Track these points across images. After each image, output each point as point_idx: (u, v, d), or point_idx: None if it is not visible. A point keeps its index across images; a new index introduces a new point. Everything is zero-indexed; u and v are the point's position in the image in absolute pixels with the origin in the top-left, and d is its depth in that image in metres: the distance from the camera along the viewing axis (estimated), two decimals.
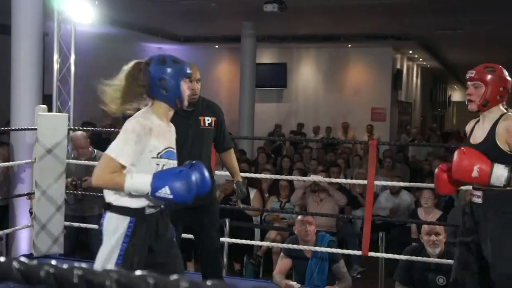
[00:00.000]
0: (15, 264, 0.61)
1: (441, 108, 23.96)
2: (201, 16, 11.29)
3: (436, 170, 3.14)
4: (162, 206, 2.61)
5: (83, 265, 0.64)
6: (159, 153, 2.50)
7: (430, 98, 21.75)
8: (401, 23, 11.66)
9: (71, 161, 4.98)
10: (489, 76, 2.89)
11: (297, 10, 9.63)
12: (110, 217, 2.51)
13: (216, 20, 11.81)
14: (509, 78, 2.94)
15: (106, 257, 2.50)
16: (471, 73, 2.93)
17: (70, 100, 6.20)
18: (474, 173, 2.72)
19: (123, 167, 2.43)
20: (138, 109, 2.60)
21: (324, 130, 13.39)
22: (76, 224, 4.98)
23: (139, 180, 2.40)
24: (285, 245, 4.56)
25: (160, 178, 2.38)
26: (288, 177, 6.11)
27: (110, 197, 2.52)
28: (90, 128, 6.33)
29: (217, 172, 4.60)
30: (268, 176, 6.46)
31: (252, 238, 5.95)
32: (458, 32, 11.82)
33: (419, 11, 10.17)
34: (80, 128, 5.57)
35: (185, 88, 2.54)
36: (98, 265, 2.48)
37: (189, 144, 3.26)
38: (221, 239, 4.41)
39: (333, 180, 5.68)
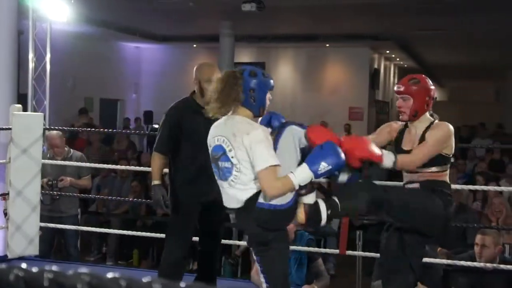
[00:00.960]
0: None
1: None
2: (179, 15, 11.25)
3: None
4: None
5: (55, 267, 0.63)
6: None
7: None
8: (378, 23, 11.74)
9: (46, 161, 4.92)
10: (414, 88, 3.05)
11: (275, 10, 9.64)
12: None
13: (194, 19, 11.77)
14: (432, 87, 3.12)
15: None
16: (398, 87, 3.09)
17: (46, 99, 6.12)
18: (376, 150, 2.87)
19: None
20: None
21: None
22: (52, 225, 4.93)
23: (300, 172, 2.64)
24: None
25: (311, 160, 2.65)
26: None
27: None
28: (66, 128, 6.25)
29: None
30: None
31: (230, 238, 5.94)
32: (435, 32, 11.94)
33: (396, 11, 10.24)
34: (56, 127, 5.50)
35: (267, 99, 2.81)
36: None
37: (207, 142, 3.33)
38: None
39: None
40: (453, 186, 5.28)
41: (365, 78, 14.70)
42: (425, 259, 3.97)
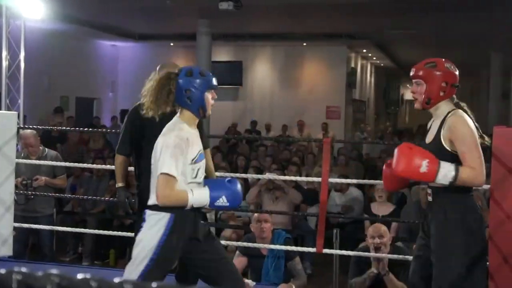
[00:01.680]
0: None
1: (394, 106, 24.37)
2: (156, 13, 11.18)
3: (384, 166, 3.13)
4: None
5: (24, 269, 0.62)
6: (193, 159, 2.71)
7: (384, 97, 22.11)
8: (355, 23, 11.81)
9: (21, 160, 4.86)
10: (429, 73, 2.78)
11: (252, 8, 9.63)
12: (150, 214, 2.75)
13: (171, 17, 11.71)
14: (453, 72, 2.80)
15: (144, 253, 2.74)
16: (412, 71, 2.85)
17: (20, 98, 6.04)
18: (423, 169, 2.62)
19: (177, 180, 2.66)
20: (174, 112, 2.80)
21: (277, 127, 13.44)
22: (26, 225, 4.86)
23: (199, 195, 2.67)
24: (240, 244, 4.55)
25: (215, 190, 2.70)
26: (244, 175, 6.11)
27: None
28: (40, 127, 6.18)
29: None
30: (223, 174, 6.43)
31: None
32: (410, 32, 12.04)
33: (373, 10, 10.31)
34: (30, 127, 5.43)
35: (210, 99, 2.76)
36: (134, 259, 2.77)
37: None
38: None
39: (288, 178, 5.71)
40: (431, 184, 5.35)
41: (342, 77, 14.77)
42: (401, 256, 4.01)
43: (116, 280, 0.58)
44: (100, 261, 6.76)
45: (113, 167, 6.28)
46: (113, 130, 11.19)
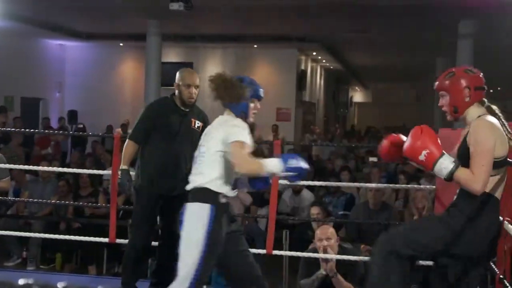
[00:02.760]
0: None
1: (343, 108, 24.73)
2: (105, 12, 11.01)
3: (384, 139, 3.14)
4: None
5: None
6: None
7: (333, 99, 22.40)
8: (305, 25, 11.93)
9: None
10: (448, 82, 2.78)
11: (203, 10, 9.60)
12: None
13: (120, 17, 11.55)
14: (475, 75, 2.79)
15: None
16: (435, 84, 2.87)
17: None
18: (421, 157, 2.67)
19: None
20: None
21: None
22: None
23: (271, 161, 2.83)
24: None
25: (283, 157, 2.85)
26: None
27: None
28: None
29: None
30: None
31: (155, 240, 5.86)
32: (359, 35, 12.24)
33: (323, 14, 10.43)
34: None
35: (252, 107, 3.00)
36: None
37: (179, 138, 3.67)
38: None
39: None
40: (377, 185, 5.45)
41: (292, 79, 14.88)
42: (349, 257, 4.06)
43: (60, 285, 0.56)
44: (46, 266, 6.60)
45: (60, 169, 6.17)
46: (61, 132, 10.98)
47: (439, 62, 15.25)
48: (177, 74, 3.76)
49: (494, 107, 2.79)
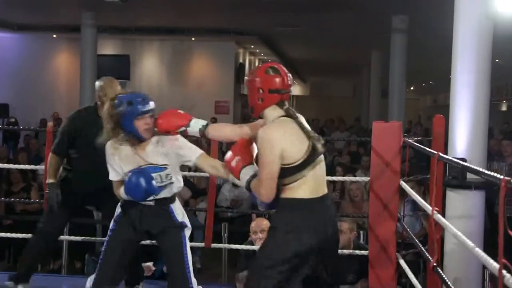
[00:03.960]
0: None
1: None
2: (36, 2, 10.68)
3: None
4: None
5: None
6: (127, 173, 2.99)
7: None
8: (243, 18, 11.94)
9: None
10: (248, 81, 2.73)
11: (139, 1, 9.46)
12: None
13: (54, 8, 11.24)
14: (272, 76, 2.65)
15: None
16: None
17: None
18: (233, 163, 2.72)
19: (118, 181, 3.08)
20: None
21: None
22: None
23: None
24: None
25: (124, 185, 2.98)
26: None
27: None
28: None
29: None
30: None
31: (94, 235, 5.78)
32: (295, 29, 12.36)
33: (260, 7, 10.47)
34: None
35: (141, 125, 2.94)
36: None
37: (101, 151, 3.55)
38: (62, 237, 4.51)
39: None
40: None
41: (230, 72, 14.89)
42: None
43: None
44: None
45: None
46: None
47: (374, 56, 15.60)
48: (97, 84, 3.75)
49: (292, 110, 2.68)
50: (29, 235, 4.22)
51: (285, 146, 2.56)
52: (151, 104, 3.00)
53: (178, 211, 3.14)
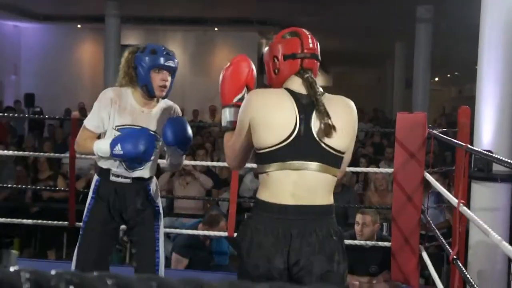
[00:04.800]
0: None
1: None
2: None
3: None
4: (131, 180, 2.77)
5: None
6: (117, 126, 2.70)
7: None
8: (266, 9, 11.90)
9: None
10: (264, 51, 2.27)
11: None
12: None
13: None
14: (287, 41, 2.13)
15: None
16: None
17: None
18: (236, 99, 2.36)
19: (93, 133, 2.74)
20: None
21: (188, 113, 13.37)
22: None
23: (102, 142, 2.67)
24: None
25: (116, 138, 2.65)
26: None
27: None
28: None
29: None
30: None
31: None
32: (319, 19, 12.28)
33: None
34: None
35: (157, 79, 2.67)
36: None
37: None
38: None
39: (199, 163, 5.71)
40: None
41: (253, 62, 14.85)
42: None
43: (12, 268, 0.56)
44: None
45: (17, 153, 6.03)
46: (16, 115, 10.73)
47: (398, 46, 15.44)
48: None
49: (313, 84, 2.05)
50: (55, 223, 4.27)
51: (258, 118, 2.00)
52: (175, 63, 2.74)
53: (155, 192, 2.87)
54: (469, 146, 2.92)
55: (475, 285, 2.46)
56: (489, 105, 4.01)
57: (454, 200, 2.88)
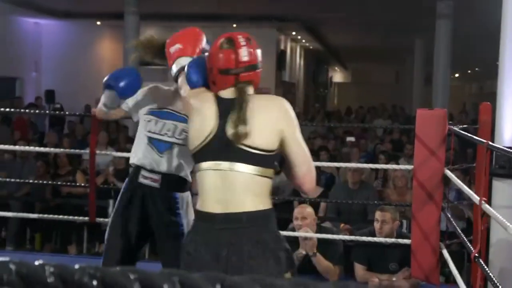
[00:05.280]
0: None
1: (323, 88, 24.78)
2: None
3: None
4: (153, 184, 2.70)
5: None
6: (151, 109, 2.78)
7: (313, 79, 22.43)
8: (284, 5, 11.87)
9: None
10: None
11: None
12: None
13: None
14: (222, 53, 2.10)
15: None
16: None
17: None
18: (171, 49, 2.56)
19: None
20: None
21: None
22: None
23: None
24: None
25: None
26: None
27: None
28: None
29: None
30: None
31: None
32: (337, 15, 12.23)
33: None
34: None
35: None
36: None
37: None
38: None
39: None
40: (356, 165, 5.48)
41: (272, 59, 14.85)
42: (328, 235, 4.10)
43: (37, 262, 0.56)
44: (26, 246, 6.57)
45: (37, 149, 6.10)
46: (37, 111, 10.85)
47: (418, 43, 15.32)
48: None
49: (245, 96, 2.07)
50: (75, 218, 4.31)
51: (190, 115, 2.11)
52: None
53: (183, 207, 2.71)
54: (490, 143, 2.89)
55: (497, 283, 2.44)
56: (511, 101, 3.96)
57: (475, 198, 2.85)
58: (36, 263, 0.56)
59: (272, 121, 2.02)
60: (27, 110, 10.55)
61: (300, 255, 4.05)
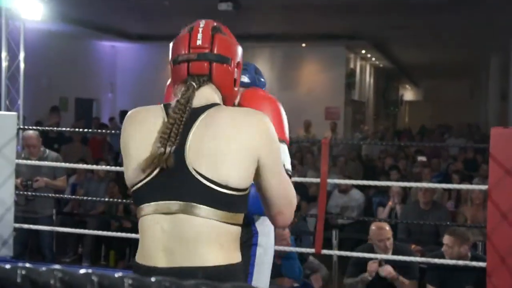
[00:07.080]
0: None
1: (393, 107, 24.40)
2: (154, 13, 11.21)
3: None
4: None
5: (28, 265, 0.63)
6: None
7: (383, 97, 22.13)
8: (354, 23, 11.83)
9: (21, 161, 4.87)
10: None
11: (251, 9, 9.66)
12: None
13: (169, 18, 11.72)
14: (176, 40, 1.79)
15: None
16: None
17: (20, 98, 6.06)
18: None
19: None
20: None
21: None
22: (26, 226, 4.87)
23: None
24: None
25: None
26: None
27: None
28: (40, 128, 6.18)
29: None
30: None
31: None
32: (408, 32, 12.07)
33: (371, 11, 10.33)
34: (31, 127, 5.45)
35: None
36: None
37: None
38: None
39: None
40: (428, 185, 5.37)
41: (341, 77, 14.79)
42: (404, 257, 4.02)
43: (117, 275, 0.60)
44: (100, 262, 6.78)
45: (113, 168, 6.31)
46: (113, 131, 11.20)
47: (493, 59, 14.87)
48: None
49: (193, 92, 1.59)
50: None
51: (123, 149, 1.57)
52: (247, 78, 2.40)
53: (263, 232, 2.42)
54: None
55: None
56: None
57: None
58: (81, 271, 0.59)
59: (246, 144, 1.47)
60: (99, 130, 10.93)
61: (364, 279, 4.00)
